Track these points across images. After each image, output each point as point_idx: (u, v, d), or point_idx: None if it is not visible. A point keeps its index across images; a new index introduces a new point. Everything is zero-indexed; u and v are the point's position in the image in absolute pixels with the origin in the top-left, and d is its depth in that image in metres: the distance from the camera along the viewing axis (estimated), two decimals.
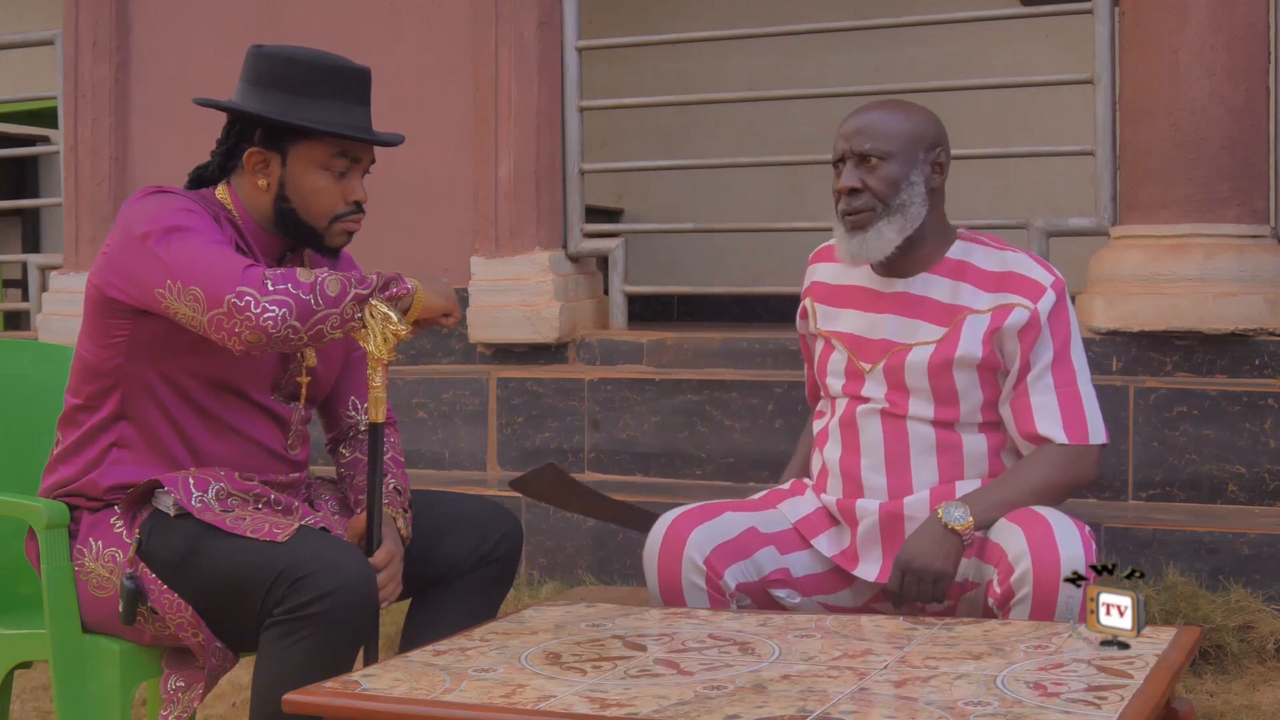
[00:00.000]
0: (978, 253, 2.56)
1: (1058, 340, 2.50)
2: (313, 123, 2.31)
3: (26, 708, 3.26)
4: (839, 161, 2.56)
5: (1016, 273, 2.51)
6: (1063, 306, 2.51)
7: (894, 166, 2.50)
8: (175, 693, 2.29)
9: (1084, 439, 2.48)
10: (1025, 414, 2.49)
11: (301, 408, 2.46)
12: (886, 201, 2.49)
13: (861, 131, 2.52)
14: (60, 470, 2.38)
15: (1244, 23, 3.59)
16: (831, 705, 1.71)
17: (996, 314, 2.49)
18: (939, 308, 2.53)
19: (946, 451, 2.52)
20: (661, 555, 2.47)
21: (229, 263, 2.17)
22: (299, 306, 2.14)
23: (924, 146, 2.53)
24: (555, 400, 4.21)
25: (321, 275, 2.18)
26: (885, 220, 2.50)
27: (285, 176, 2.34)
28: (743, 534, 2.51)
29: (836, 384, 2.61)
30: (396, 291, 2.24)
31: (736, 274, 5.92)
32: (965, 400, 2.51)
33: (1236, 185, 3.59)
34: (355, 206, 2.38)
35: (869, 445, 2.55)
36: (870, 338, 2.57)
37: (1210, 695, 2.99)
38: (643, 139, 6.13)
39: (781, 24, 4.74)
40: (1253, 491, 3.50)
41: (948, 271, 2.55)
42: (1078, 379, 2.51)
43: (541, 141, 4.39)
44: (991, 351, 2.49)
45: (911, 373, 2.51)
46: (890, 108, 2.58)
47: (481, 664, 1.96)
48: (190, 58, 4.80)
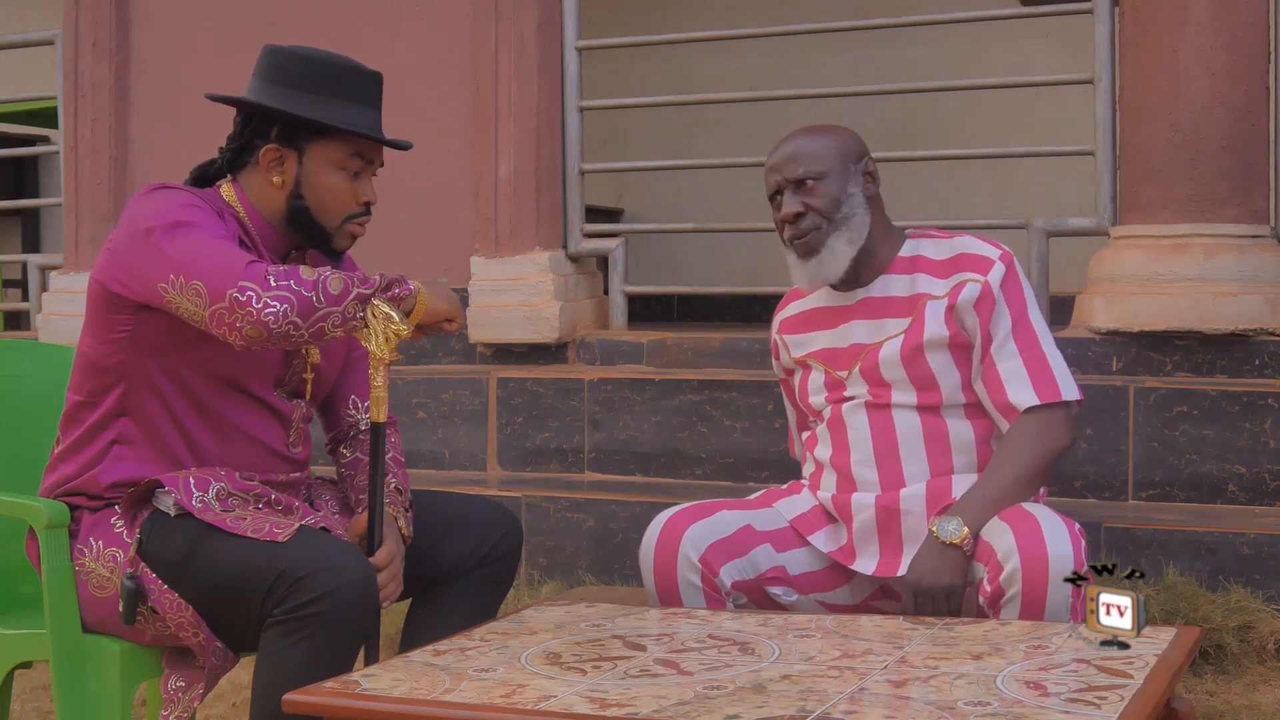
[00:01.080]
0: (926, 245, 2.64)
1: (1014, 308, 2.56)
2: (336, 122, 2.32)
3: (26, 708, 3.26)
4: (775, 195, 2.65)
5: (965, 253, 2.60)
6: (1013, 276, 2.58)
7: (830, 184, 2.59)
8: (175, 693, 2.29)
9: (1056, 395, 2.52)
10: (995, 384, 2.54)
11: (304, 405, 2.46)
12: (830, 217, 2.58)
13: (791, 159, 2.62)
14: (60, 469, 2.38)
15: (1244, 23, 3.59)
16: (831, 705, 1.71)
17: (952, 293, 2.56)
18: (901, 302, 2.60)
19: (934, 440, 2.55)
20: (657, 553, 2.48)
21: (232, 258, 2.17)
22: (301, 303, 2.14)
23: (852, 159, 2.62)
24: (555, 400, 4.21)
25: (324, 273, 2.18)
26: (834, 235, 2.58)
27: (302, 174, 2.35)
28: (738, 532, 2.53)
29: (819, 398, 2.67)
30: (399, 293, 2.24)
31: (736, 274, 5.91)
32: (944, 380, 2.56)
33: (1236, 185, 3.59)
34: (365, 208, 2.40)
35: (857, 439, 2.58)
36: (841, 347, 2.63)
37: (1210, 695, 2.99)
38: (643, 139, 6.12)
39: (781, 24, 4.74)
40: (1253, 491, 3.50)
41: (903, 269, 2.62)
42: (1040, 342, 2.57)
43: (541, 141, 4.39)
44: (956, 329, 2.55)
45: (886, 365, 2.57)
46: (810, 133, 2.66)
47: (481, 664, 1.96)
48: (190, 58, 4.80)
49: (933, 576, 2.38)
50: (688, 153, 5.91)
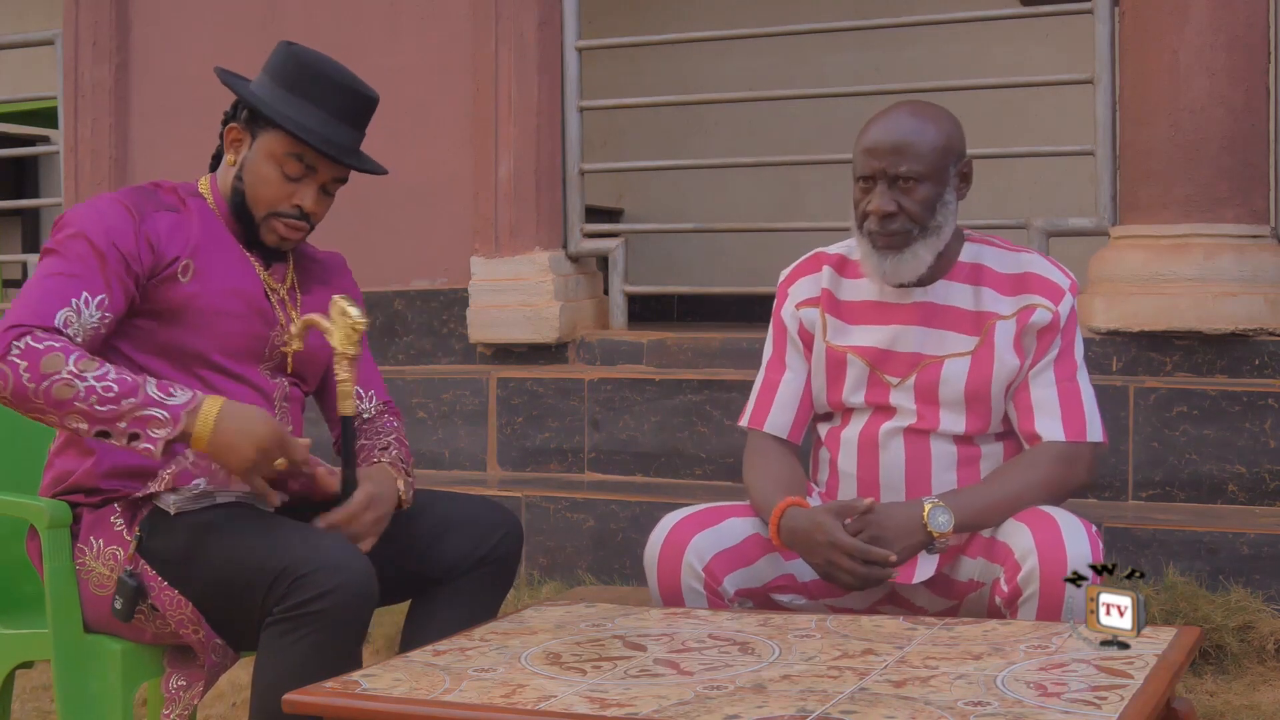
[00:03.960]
0: (989, 254, 2.53)
1: (1066, 339, 2.49)
2: (280, 118, 2.36)
3: (27, 708, 3.26)
4: (868, 179, 2.44)
5: (1034, 273, 2.49)
6: (1075, 310, 2.51)
7: (929, 188, 2.43)
8: (177, 692, 2.30)
9: (1081, 436, 2.46)
10: (1025, 409, 2.47)
11: (286, 383, 2.46)
12: (923, 224, 2.43)
13: (897, 151, 2.41)
14: (58, 464, 2.39)
15: (1244, 23, 3.60)
16: (831, 705, 1.71)
17: (1020, 315, 2.47)
18: (964, 315, 2.49)
19: (966, 465, 2.50)
20: (661, 560, 2.46)
21: (42, 305, 2.19)
22: (16, 387, 2.13)
23: (954, 159, 2.46)
24: (555, 400, 4.21)
25: (85, 381, 2.12)
26: (921, 242, 2.43)
27: (247, 158, 2.41)
28: (745, 541, 2.48)
29: (858, 398, 2.53)
30: (139, 446, 2.14)
31: (736, 274, 5.91)
32: (995, 414, 2.49)
33: (1236, 185, 3.59)
34: (297, 211, 2.40)
35: (889, 464, 2.51)
36: (897, 350, 2.50)
37: (1210, 695, 2.99)
38: (643, 139, 6.12)
39: (781, 24, 4.74)
40: (1253, 491, 3.50)
41: (965, 276, 2.50)
42: (1078, 374, 2.50)
43: (541, 141, 4.39)
44: (1024, 359, 2.47)
45: (947, 386, 2.47)
46: (919, 117, 2.46)
47: (481, 664, 1.96)
48: (190, 58, 4.80)
49: (892, 536, 2.33)
50: (688, 153, 5.91)
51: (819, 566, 2.38)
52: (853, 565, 2.33)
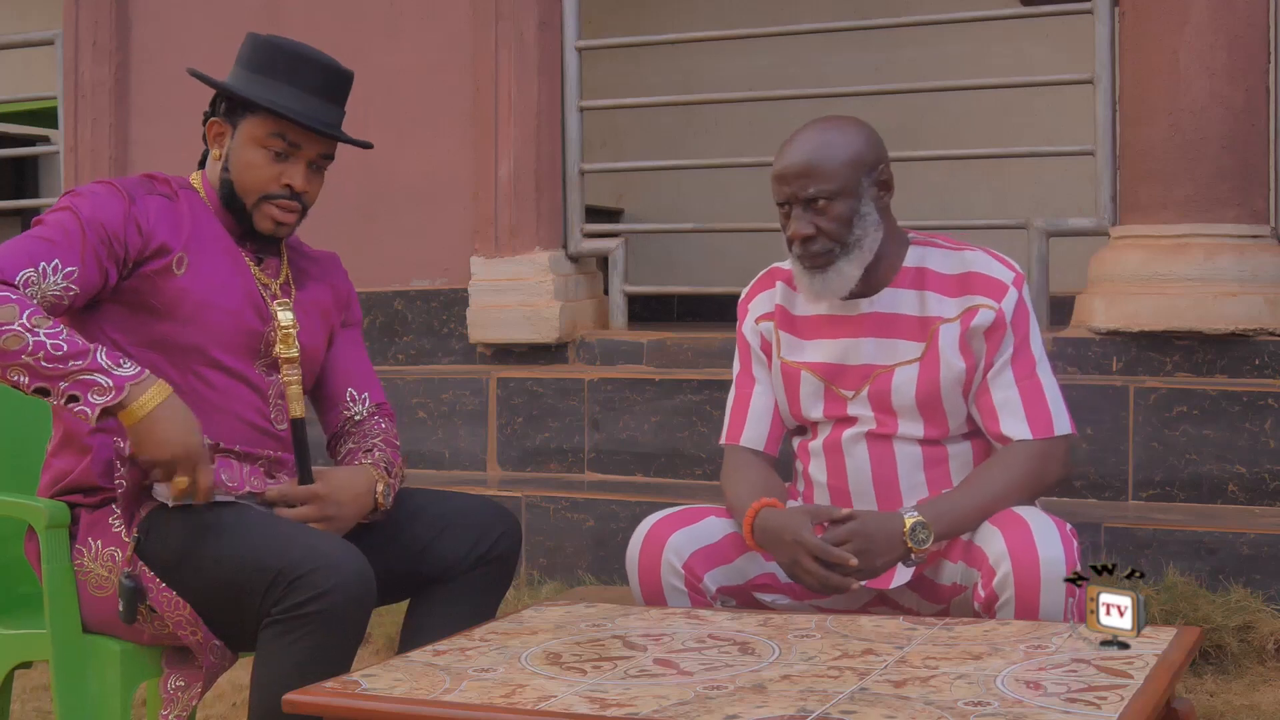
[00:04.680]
0: (933, 256, 2.52)
1: (1018, 335, 2.48)
2: (258, 98, 2.36)
3: (26, 708, 3.26)
4: (782, 204, 2.49)
5: (977, 272, 2.49)
6: (1022, 301, 2.49)
7: (843, 204, 2.44)
8: (176, 692, 2.29)
9: (1049, 431, 2.46)
10: (989, 412, 2.47)
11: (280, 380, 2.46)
12: (843, 241, 2.44)
13: (803, 174, 2.43)
14: (55, 464, 2.39)
15: (1244, 23, 3.60)
16: (831, 705, 1.71)
17: (964, 317, 2.47)
18: (911, 322, 2.50)
19: (934, 466, 2.51)
20: (641, 559, 2.47)
21: (11, 259, 2.19)
22: None
23: (865, 171, 2.46)
24: (555, 400, 4.21)
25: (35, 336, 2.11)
26: (844, 259, 2.46)
27: (231, 148, 2.41)
28: (723, 540, 2.49)
29: (817, 412, 2.56)
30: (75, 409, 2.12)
31: (736, 274, 5.87)
32: (953, 415, 2.50)
33: (1236, 185, 3.59)
34: (288, 191, 2.40)
35: (855, 469, 2.52)
36: (849, 364, 2.52)
37: (1210, 695, 2.99)
38: (643, 139, 6.13)
39: (781, 24, 4.74)
40: (1253, 491, 3.50)
41: (909, 281, 2.51)
42: (1037, 369, 2.49)
43: (541, 141, 4.39)
44: (972, 362, 2.47)
45: (898, 395, 2.48)
46: (825, 133, 2.47)
47: (481, 664, 1.96)
48: (190, 58, 4.76)
49: (875, 553, 2.33)
50: (687, 153, 5.91)
51: (786, 566, 2.39)
52: (814, 566, 2.34)
